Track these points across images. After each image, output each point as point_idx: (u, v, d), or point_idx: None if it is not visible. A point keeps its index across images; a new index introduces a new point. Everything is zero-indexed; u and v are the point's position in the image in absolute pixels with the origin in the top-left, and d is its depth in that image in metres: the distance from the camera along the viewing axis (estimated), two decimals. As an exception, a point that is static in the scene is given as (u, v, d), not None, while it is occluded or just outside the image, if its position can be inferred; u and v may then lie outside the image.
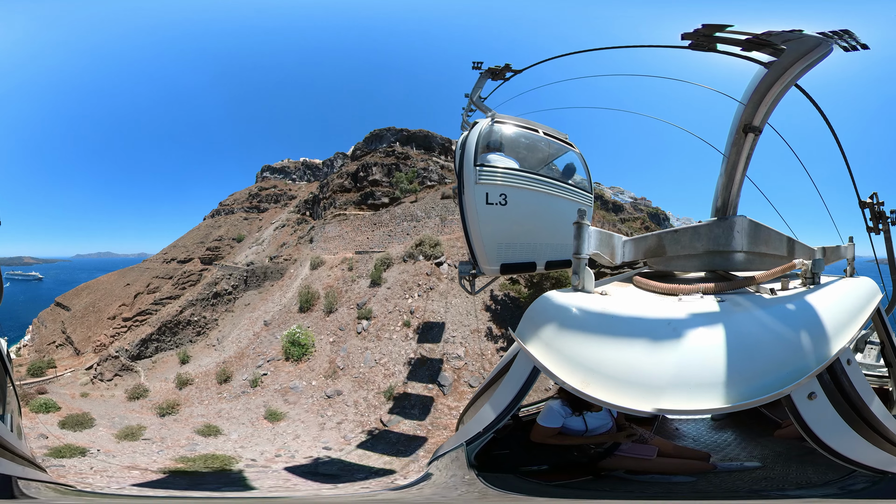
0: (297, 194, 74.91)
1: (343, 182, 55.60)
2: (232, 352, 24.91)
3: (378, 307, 24.81)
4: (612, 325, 2.02)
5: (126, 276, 61.14)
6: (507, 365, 2.80)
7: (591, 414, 3.41)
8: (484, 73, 7.19)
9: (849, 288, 2.67)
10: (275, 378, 19.79)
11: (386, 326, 22.50)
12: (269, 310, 29.68)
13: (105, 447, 12.73)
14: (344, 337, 23.11)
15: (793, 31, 2.23)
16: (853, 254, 3.74)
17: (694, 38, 2.46)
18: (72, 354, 38.94)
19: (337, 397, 17.43)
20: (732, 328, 1.79)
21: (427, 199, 43.77)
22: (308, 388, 18.59)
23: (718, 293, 2.23)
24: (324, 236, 43.45)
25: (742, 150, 2.61)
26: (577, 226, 2.57)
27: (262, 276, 36.02)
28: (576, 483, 3.10)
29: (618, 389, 1.76)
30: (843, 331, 2.04)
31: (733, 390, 1.64)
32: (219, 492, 9.54)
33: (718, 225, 2.65)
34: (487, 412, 2.79)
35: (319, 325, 25.11)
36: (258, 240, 62.31)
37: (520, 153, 6.41)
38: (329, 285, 30.14)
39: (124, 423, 15.47)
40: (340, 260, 34.60)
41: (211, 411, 17.58)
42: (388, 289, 26.51)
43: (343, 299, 27.47)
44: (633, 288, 2.57)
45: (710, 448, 3.57)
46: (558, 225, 6.44)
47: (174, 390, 20.89)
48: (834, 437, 1.96)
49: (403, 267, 28.64)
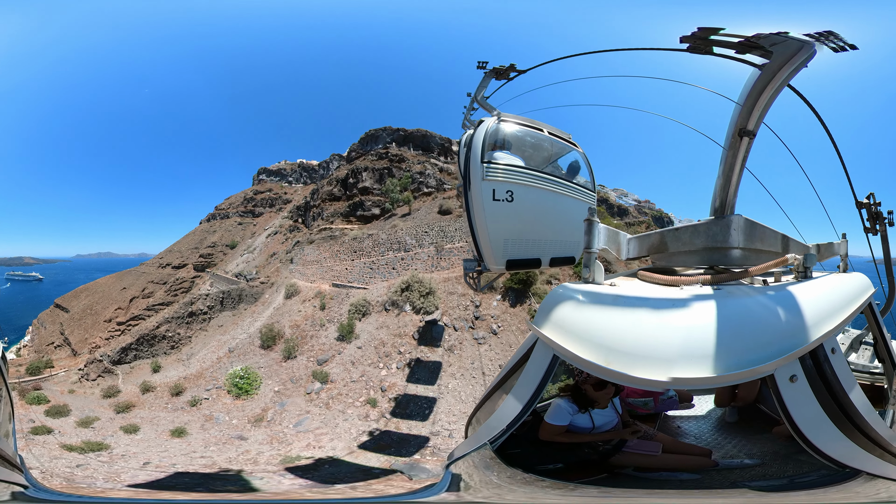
0: (292, 197, 75.24)
1: (332, 189, 53.10)
2: (194, 370, 26.47)
3: (339, 371, 21.04)
4: (626, 306, 2.25)
5: (123, 280, 63.72)
6: (522, 358, 2.89)
7: (598, 411, 3.52)
8: (488, 73, 7.34)
9: (839, 281, 2.88)
10: (210, 404, 20.97)
11: (343, 397, 19.30)
12: (237, 336, 30.14)
13: (64, 430, 16.84)
14: (290, 391, 21.02)
15: (779, 34, 2.34)
16: (846, 250, 3.93)
17: (691, 40, 2.58)
18: (69, 355, 40.97)
19: (240, 443, 16.55)
20: (726, 311, 2.03)
21: (422, 211, 40.08)
22: (226, 424, 18.98)
23: (716, 284, 2.45)
24: (303, 259, 39.88)
25: (738, 154, 2.79)
26: (587, 223, 2.73)
27: (238, 298, 37.40)
28: (595, 480, 3.18)
29: (634, 363, 1.97)
30: (829, 319, 2.25)
31: (723, 363, 1.88)
32: (219, 492, 10.60)
33: (716, 223, 2.86)
34: (509, 407, 2.80)
35: (273, 368, 23.55)
36: (250, 247, 62.83)
37: (525, 151, 6.61)
38: (296, 324, 27.72)
39: (87, 415, 19.29)
40: (315, 293, 31.54)
41: (149, 415, 20.06)
42: (358, 348, 22.24)
43: (305, 346, 24.65)
44: (638, 281, 2.79)
45: (709, 446, 3.68)
46: (563, 222, 6.66)
47: (138, 394, 23.48)
48: (808, 424, 2.12)
49: (384, 319, 24.10)
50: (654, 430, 3.72)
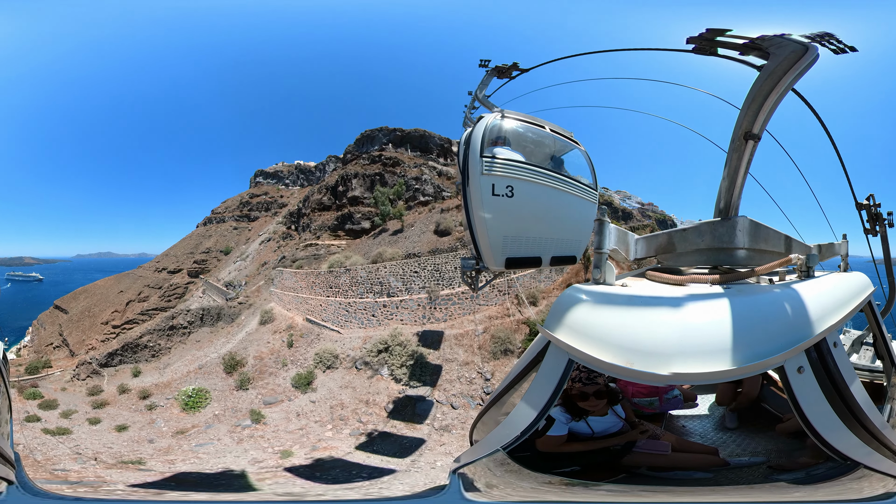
0: (288, 201, 75.47)
1: (322, 198, 50.32)
2: (165, 379, 28.74)
3: (279, 418, 18.82)
4: (643, 306, 2.35)
5: (121, 282, 65.40)
6: (532, 362, 2.89)
7: (595, 418, 3.53)
8: (490, 71, 7.35)
9: (840, 280, 3.04)
10: (162, 412, 22.82)
11: (261, 440, 17.61)
12: (209, 354, 31.35)
13: (49, 419, 20.55)
14: (224, 418, 20.43)
15: (780, 36, 2.40)
16: (847, 250, 4.07)
17: (698, 41, 2.62)
18: (67, 356, 43.57)
19: (146, 444, 17.90)
20: (734, 307, 2.17)
21: (417, 228, 35.96)
22: (157, 429, 20.40)
23: (725, 283, 2.59)
24: (281, 284, 36.55)
25: (743, 157, 2.86)
26: (598, 222, 2.78)
27: (217, 316, 39.76)
28: (618, 480, 3.21)
29: (660, 361, 2.07)
30: (832, 315, 2.40)
31: (741, 355, 2.02)
32: (218, 492, 11.01)
33: (722, 224, 2.98)
34: (522, 413, 2.75)
35: (224, 393, 23.53)
36: (243, 254, 63.34)
37: (527, 147, 6.51)
38: (260, 356, 26.85)
39: (69, 408, 22.87)
40: (286, 325, 29.91)
41: (114, 412, 22.94)
42: (311, 402, 19.57)
43: (260, 382, 23.51)
44: (647, 281, 2.91)
45: (714, 444, 3.76)
46: (564, 220, 6.59)
47: (115, 394, 26.59)
48: (815, 415, 2.24)
49: (351, 378, 20.54)
50: (661, 430, 3.78)
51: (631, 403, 4.17)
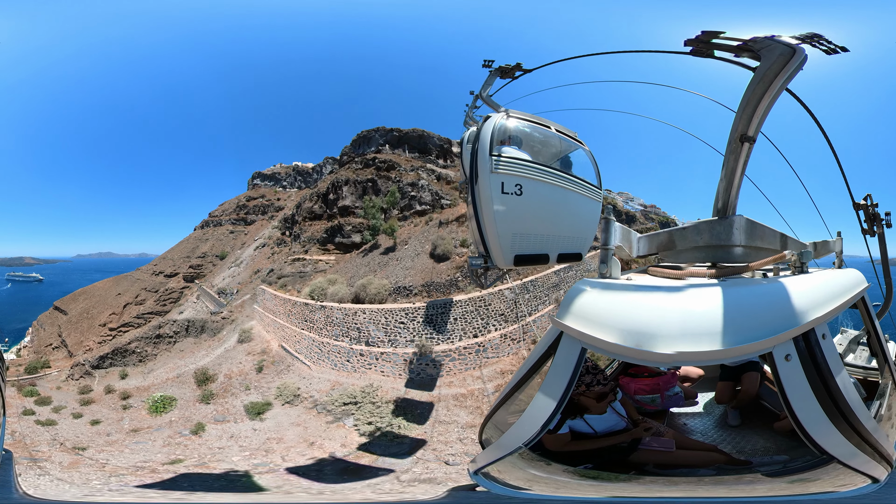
0: (285, 204, 75.67)
1: (313, 206, 48.30)
2: (147, 383, 30.84)
3: (213, 436, 18.55)
4: (648, 292, 2.57)
5: (120, 284, 66.09)
6: (544, 355, 3.02)
7: (595, 416, 3.61)
8: (494, 71, 7.60)
9: (832, 275, 3.23)
10: (132, 412, 24.37)
11: (180, 448, 17.58)
12: (188, 364, 32.81)
13: (42, 413, 23.26)
14: (177, 424, 20.98)
15: (769, 38, 2.50)
16: (841, 248, 4.22)
17: (695, 44, 2.72)
18: (65, 356, 45.27)
19: (105, 436, 19.77)
20: (729, 297, 2.38)
21: (410, 248, 31.96)
22: (121, 427, 22.09)
23: (720, 277, 2.80)
24: (263, 303, 35.08)
25: (739, 158, 3.04)
26: (605, 221, 2.97)
27: (201, 328, 41.95)
28: (630, 477, 3.30)
29: (665, 342, 2.28)
30: (821, 307, 2.58)
31: (730, 338, 2.23)
32: (218, 493, 11.72)
33: (720, 223, 3.18)
34: (540, 407, 2.80)
35: (188, 403, 24.26)
36: (237, 260, 63.91)
37: (534, 147, 6.72)
38: (230, 375, 26.81)
39: (60, 404, 25.39)
40: (261, 349, 29.26)
41: (96, 409, 25.17)
42: (253, 430, 18.53)
43: (220, 400, 23.49)
44: (649, 276, 3.13)
45: (714, 442, 3.89)
46: (571, 218, 6.81)
47: (102, 394, 28.69)
48: (802, 408, 2.41)
49: (306, 418, 18.44)
50: (664, 427, 3.89)
51: (633, 401, 4.33)
